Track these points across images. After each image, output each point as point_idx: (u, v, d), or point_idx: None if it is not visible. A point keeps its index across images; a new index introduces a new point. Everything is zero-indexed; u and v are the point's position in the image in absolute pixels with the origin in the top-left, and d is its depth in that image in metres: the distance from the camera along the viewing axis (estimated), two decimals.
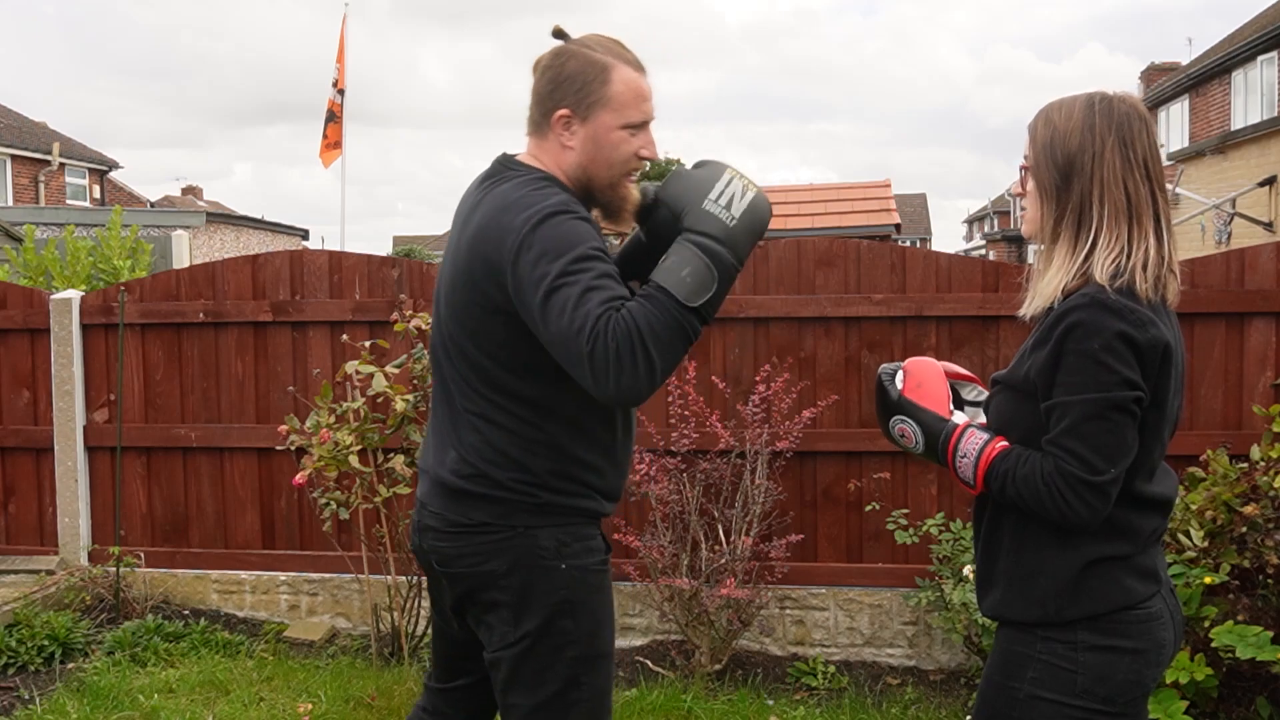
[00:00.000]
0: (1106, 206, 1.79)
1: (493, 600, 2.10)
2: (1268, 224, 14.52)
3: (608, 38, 2.09)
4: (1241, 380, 4.23)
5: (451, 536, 2.12)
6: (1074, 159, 1.81)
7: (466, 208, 2.13)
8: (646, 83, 2.08)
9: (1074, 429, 1.73)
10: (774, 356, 4.53)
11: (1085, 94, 1.85)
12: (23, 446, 5.16)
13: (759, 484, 4.30)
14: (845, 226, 10.70)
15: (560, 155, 2.07)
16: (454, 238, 2.14)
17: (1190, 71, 22.58)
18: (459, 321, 2.07)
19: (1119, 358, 1.72)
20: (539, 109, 2.08)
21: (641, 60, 2.08)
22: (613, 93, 2.03)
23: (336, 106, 12.18)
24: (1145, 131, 1.82)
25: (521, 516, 2.07)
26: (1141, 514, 1.83)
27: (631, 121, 2.05)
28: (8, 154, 23.61)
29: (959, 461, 1.86)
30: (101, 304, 5.07)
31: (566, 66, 2.04)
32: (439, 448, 2.17)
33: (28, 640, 4.40)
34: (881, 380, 2.01)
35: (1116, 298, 1.73)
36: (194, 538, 5.05)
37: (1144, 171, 1.80)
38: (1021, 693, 1.83)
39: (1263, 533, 3.37)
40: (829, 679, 4.25)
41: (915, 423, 1.93)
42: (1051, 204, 1.84)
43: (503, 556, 2.08)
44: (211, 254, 17.93)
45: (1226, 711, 3.52)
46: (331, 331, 4.85)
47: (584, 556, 2.11)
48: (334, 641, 4.75)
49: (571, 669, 2.09)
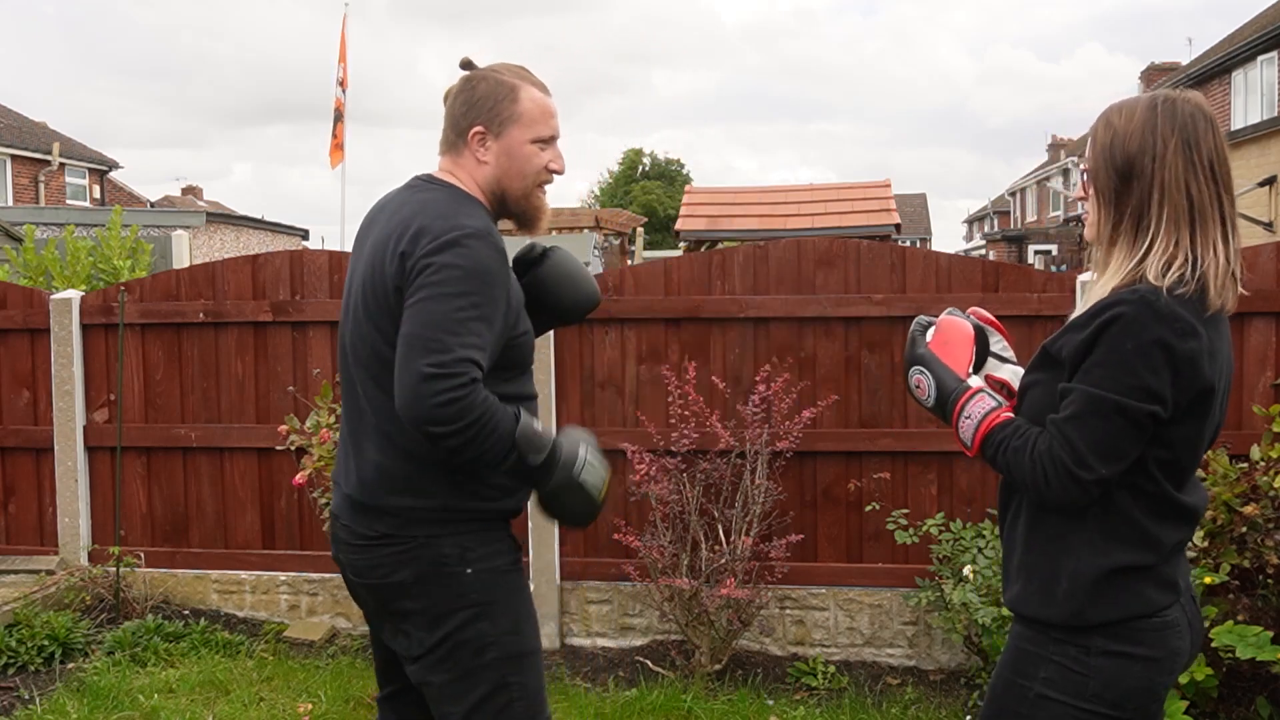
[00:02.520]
0: (1166, 210, 1.74)
1: (405, 609, 2.14)
2: (1268, 224, 14.52)
3: (514, 64, 2.24)
4: (1241, 380, 4.23)
5: (360, 550, 2.15)
6: (1134, 161, 1.77)
7: (386, 213, 2.18)
8: (552, 103, 2.23)
9: (1078, 418, 1.72)
10: (774, 356, 4.53)
11: (1148, 95, 1.82)
12: (23, 446, 5.16)
13: (759, 484, 4.29)
14: (845, 226, 10.69)
15: (476, 170, 2.19)
16: (368, 241, 2.18)
17: (1190, 71, 22.59)
18: (373, 323, 2.10)
19: (1149, 365, 1.68)
20: (454, 130, 2.20)
21: (545, 83, 2.24)
22: (522, 110, 2.17)
23: (343, 106, 12.17)
24: (1211, 132, 1.77)
25: (421, 527, 2.11)
26: (1169, 524, 1.81)
27: (540, 136, 2.19)
28: (8, 154, 23.61)
29: (962, 422, 1.88)
30: (101, 304, 5.07)
31: (478, 89, 2.18)
32: (345, 460, 2.21)
33: (28, 640, 4.40)
34: (914, 331, 2.04)
35: (1167, 301, 1.69)
36: (194, 538, 5.05)
37: (1209, 173, 1.75)
38: (1031, 691, 1.83)
39: (1263, 533, 3.37)
40: (829, 679, 4.25)
41: (932, 377, 1.95)
42: (1110, 208, 1.80)
43: (409, 567, 2.11)
44: (211, 254, 17.92)
45: (1226, 711, 3.52)
46: (331, 332, 4.85)
47: (491, 559, 2.14)
48: (334, 641, 4.75)
49: (497, 670, 2.12)
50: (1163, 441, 1.75)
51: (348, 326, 2.18)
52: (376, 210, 2.24)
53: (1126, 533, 1.78)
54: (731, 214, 11.82)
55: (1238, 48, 20.10)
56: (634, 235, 17.64)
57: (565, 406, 4.69)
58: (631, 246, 17.74)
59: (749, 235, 10.75)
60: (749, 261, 4.59)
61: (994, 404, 1.86)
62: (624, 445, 4.38)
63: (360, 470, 2.15)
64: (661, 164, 50.31)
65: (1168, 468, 1.77)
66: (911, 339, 2.03)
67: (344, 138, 12.16)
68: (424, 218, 2.05)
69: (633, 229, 17.71)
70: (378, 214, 2.21)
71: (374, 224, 2.19)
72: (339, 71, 12.20)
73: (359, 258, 2.19)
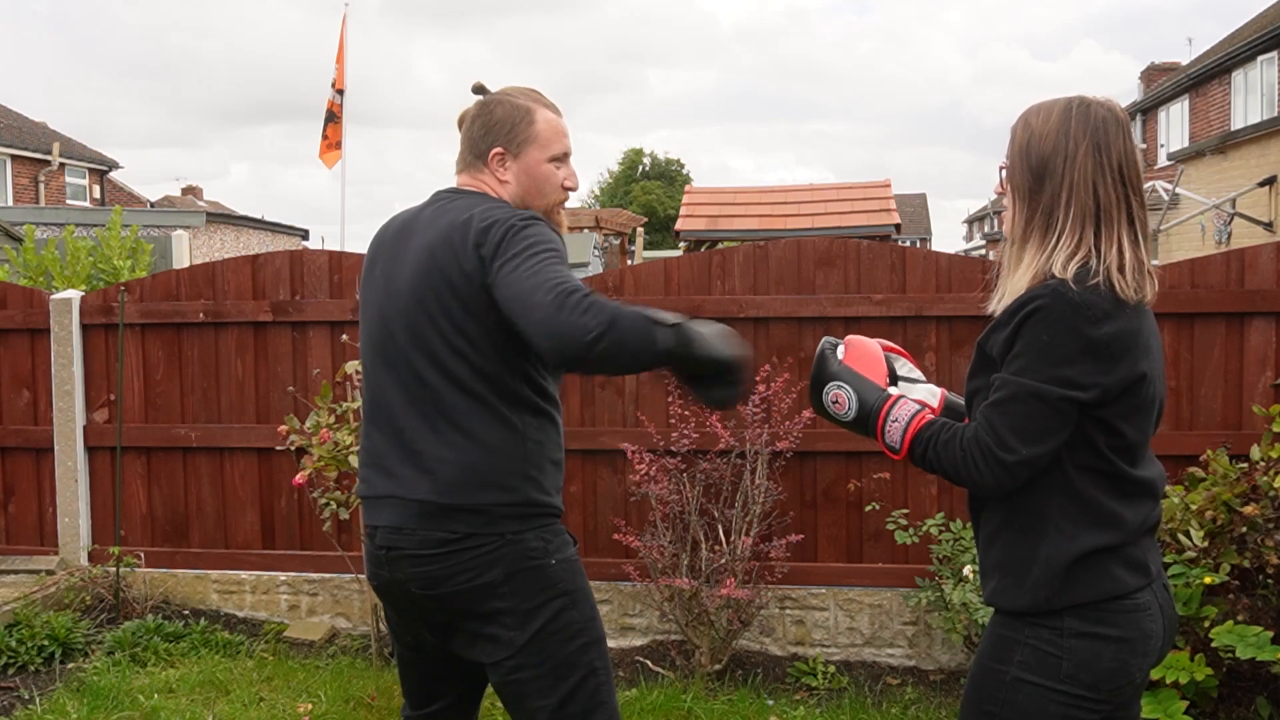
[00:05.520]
0: (1073, 209, 1.83)
1: (493, 610, 2.14)
2: (1268, 224, 14.52)
3: (526, 87, 2.35)
4: (1241, 380, 4.23)
5: (437, 558, 2.14)
6: (1047, 161, 1.85)
7: (423, 221, 2.23)
8: (563, 123, 2.34)
9: (999, 404, 1.81)
10: (774, 356, 4.53)
11: (1065, 98, 1.89)
12: (23, 446, 5.16)
13: (759, 484, 4.30)
14: (845, 226, 10.69)
15: (499, 188, 2.28)
16: (400, 252, 2.22)
17: (1190, 71, 22.60)
18: (449, 320, 2.12)
19: (1064, 354, 1.77)
20: (472, 151, 2.30)
21: (556, 104, 2.36)
22: (538, 130, 2.28)
23: (336, 107, 12.17)
24: (1121, 136, 1.85)
25: (506, 523, 2.14)
26: (1127, 501, 1.87)
27: (555, 154, 2.30)
28: (8, 154, 23.61)
29: (889, 426, 1.94)
30: (101, 304, 5.07)
31: (495, 112, 2.29)
32: (400, 468, 2.18)
33: (28, 640, 4.40)
34: (824, 350, 2.09)
35: (1078, 291, 1.77)
36: (194, 538, 5.05)
37: (1117, 176, 1.84)
38: (1008, 675, 1.88)
39: (1263, 533, 3.37)
40: (829, 679, 4.25)
41: (852, 390, 2.01)
42: (1024, 204, 1.89)
43: (499, 566, 2.13)
44: (211, 254, 17.93)
45: (1226, 711, 3.52)
46: (331, 331, 4.85)
47: (565, 550, 2.23)
48: (334, 641, 4.75)
49: (586, 656, 2.19)
50: (1106, 426, 1.83)
51: (401, 337, 2.17)
52: (404, 222, 2.28)
53: (1091, 515, 1.85)
54: (731, 214, 11.82)
55: (1238, 48, 20.11)
56: (634, 235, 17.64)
57: (565, 405, 4.67)
58: (631, 246, 17.74)
59: (749, 235, 10.75)
60: (749, 261, 4.59)
61: (918, 407, 1.94)
62: (624, 445, 4.38)
63: (438, 472, 2.13)
64: (662, 164, 50.34)
65: (1117, 449, 1.85)
66: (822, 357, 2.08)
67: (340, 138, 12.14)
68: (481, 212, 2.14)
69: (633, 229, 17.70)
70: (410, 222, 2.26)
71: (409, 234, 2.23)
72: (335, 72, 12.18)
73: (397, 265, 2.21)
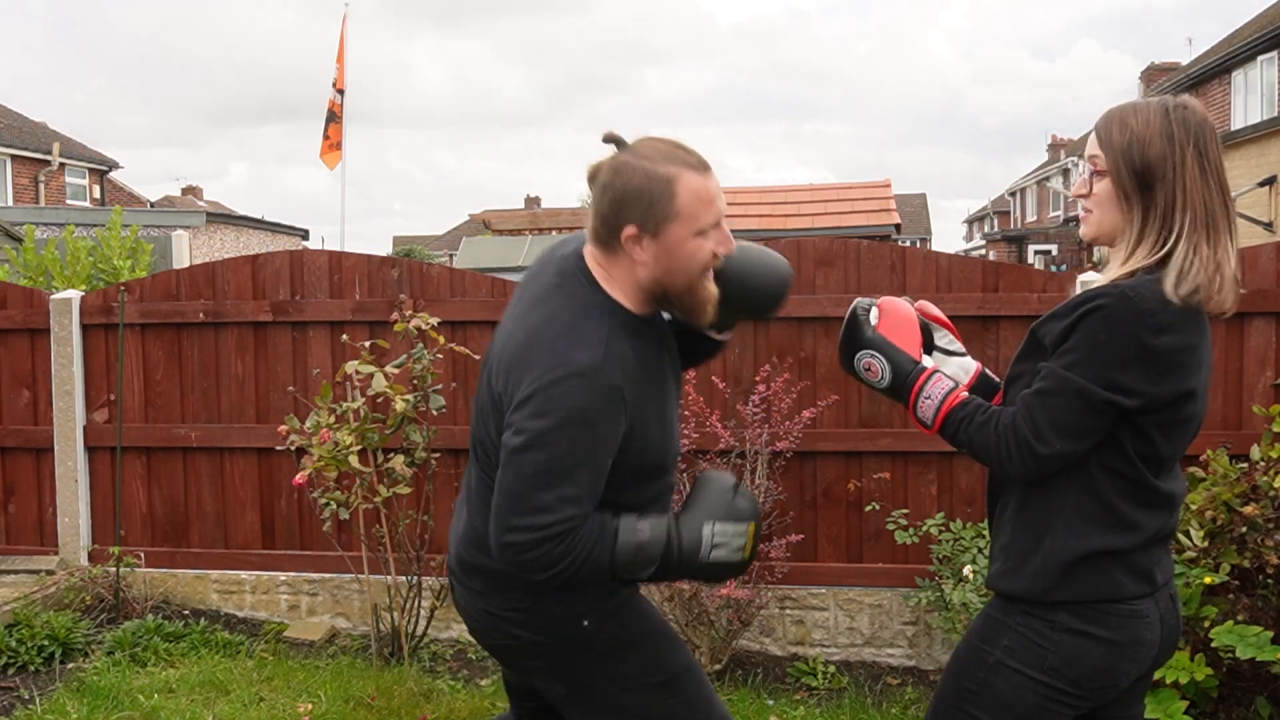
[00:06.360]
0: (1187, 215, 1.79)
1: (532, 667, 2.10)
2: (1268, 224, 14.53)
3: (664, 141, 1.99)
4: (1241, 380, 4.23)
5: (471, 616, 2.13)
6: (1154, 166, 1.81)
7: (532, 293, 2.06)
8: (713, 182, 1.97)
9: (1043, 394, 1.80)
10: (774, 356, 4.53)
11: (1157, 99, 1.87)
12: (23, 446, 5.16)
13: (759, 484, 4.29)
14: (845, 226, 10.70)
15: (633, 270, 1.99)
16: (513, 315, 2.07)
17: (1190, 71, 22.60)
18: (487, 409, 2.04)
19: (1118, 358, 1.74)
20: (604, 226, 1.98)
21: (704, 158, 1.99)
22: (681, 205, 1.93)
23: (337, 107, 12.18)
24: (1215, 142, 1.84)
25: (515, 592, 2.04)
26: (1145, 510, 1.85)
27: (703, 227, 1.96)
28: (8, 154, 23.61)
29: (921, 402, 1.94)
30: (101, 304, 5.07)
31: (630, 183, 1.93)
32: (460, 512, 2.18)
33: (28, 640, 4.40)
34: (857, 314, 2.05)
35: (1146, 297, 1.74)
36: (194, 538, 5.05)
37: (1217, 182, 1.82)
38: (992, 657, 1.89)
39: (1263, 533, 3.37)
40: (829, 679, 4.25)
41: (886, 360, 1.99)
42: (1131, 209, 1.84)
43: (523, 629, 2.05)
44: (211, 254, 17.93)
45: (1226, 711, 3.52)
46: (331, 331, 4.85)
47: (604, 600, 2.05)
48: (334, 641, 4.75)
49: (644, 704, 2.07)
50: (1141, 434, 1.81)
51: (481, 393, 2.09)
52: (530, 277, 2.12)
53: (1104, 517, 1.84)
54: (731, 214, 11.63)
55: (1238, 48, 20.10)
56: None
57: None
58: None
59: (749, 235, 10.71)
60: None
61: (952, 384, 1.94)
62: None
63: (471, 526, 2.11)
64: None
65: (1147, 458, 1.83)
66: (855, 322, 2.04)
67: (340, 138, 12.15)
68: (534, 348, 1.92)
69: None
70: (529, 283, 2.09)
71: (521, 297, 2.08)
72: (335, 72, 12.19)
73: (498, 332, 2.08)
